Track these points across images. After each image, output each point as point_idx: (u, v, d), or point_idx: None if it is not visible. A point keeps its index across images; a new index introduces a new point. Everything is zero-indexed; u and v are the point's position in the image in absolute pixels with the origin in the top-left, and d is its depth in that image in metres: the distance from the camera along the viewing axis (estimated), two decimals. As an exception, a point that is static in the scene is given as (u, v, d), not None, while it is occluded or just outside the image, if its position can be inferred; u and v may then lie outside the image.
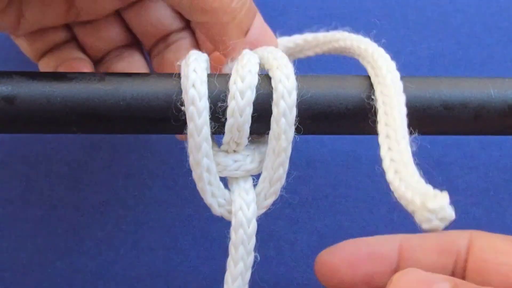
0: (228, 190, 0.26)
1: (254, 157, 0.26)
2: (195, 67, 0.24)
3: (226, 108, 0.24)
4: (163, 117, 0.24)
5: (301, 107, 0.24)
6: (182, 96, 0.24)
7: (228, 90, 0.24)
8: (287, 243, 0.40)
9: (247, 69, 0.24)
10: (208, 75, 0.24)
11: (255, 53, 0.26)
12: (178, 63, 0.25)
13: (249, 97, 0.24)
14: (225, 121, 0.24)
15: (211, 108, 0.24)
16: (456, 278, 0.23)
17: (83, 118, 0.24)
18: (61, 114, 0.24)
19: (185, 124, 0.24)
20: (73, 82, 0.25)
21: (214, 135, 0.25)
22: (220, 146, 0.26)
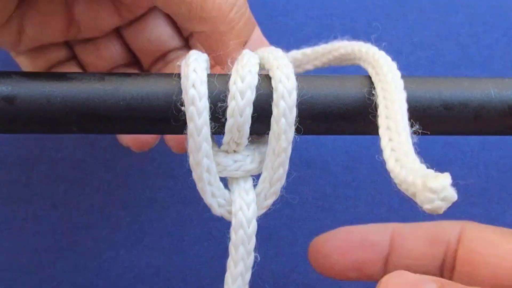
0: (228, 190, 0.26)
1: (254, 157, 0.26)
2: (195, 67, 0.24)
3: (226, 108, 0.24)
4: (163, 117, 0.24)
5: (301, 107, 0.24)
6: (182, 96, 0.24)
7: (228, 90, 0.24)
8: (287, 244, 0.40)
9: (247, 69, 0.24)
10: (208, 75, 0.24)
11: (255, 53, 0.26)
12: (178, 63, 0.25)
13: (249, 97, 0.24)
14: (225, 121, 0.24)
15: (211, 108, 0.24)
16: (442, 278, 0.23)
17: (83, 118, 0.24)
18: (61, 114, 0.24)
19: (185, 124, 0.24)
20: (73, 82, 0.25)
21: (214, 135, 0.25)
22: (220, 146, 0.26)
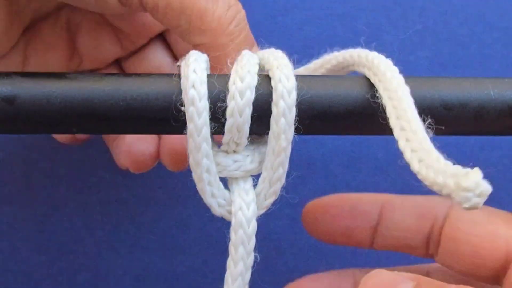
0: (228, 190, 0.26)
1: (254, 157, 0.26)
2: (195, 68, 0.24)
3: (225, 108, 0.24)
4: (163, 118, 0.24)
5: (301, 107, 0.24)
6: (182, 96, 0.24)
7: (227, 90, 0.24)
8: (287, 243, 0.40)
9: (246, 69, 0.24)
10: (207, 75, 0.24)
11: (255, 54, 0.26)
12: (178, 63, 0.25)
13: (249, 97, 0.24)
14: (225, 122, 0.24)
15: (210, 108, 0.24)
16: (420, 276, 0.23)
17: (83, 118, 0.24)
18: (61, 114, 0.24)
19: (185, 124, 0.24)
20: (73, 82, 0.25)
21: (214, 135, 0.25)
22: (219, 146, 0.26)
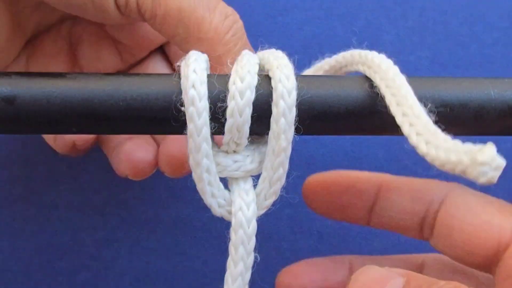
0: (228, 190, 0.26)
1: (254, 157, 0.26)
2: (195, 68, 0.24)
3: (225, 108, 0.24)
4: (163, 118, 0.24)
5: (301, 107, 0.24)
6: (182, 96, 0.24)
7: (227, 90, 0.24)
8: (287, 243, 0.40)
9: (246, 69, 0.24)
10: (207, 75, 0.24)
11: (255, 54, 0.26)
12: (177, 63, 0.25)
13: (249, 97, 0.24)
14: (225, 122, 0.24)
15: (210, 108, 0.24)
16: (410, 271, 0.23)
17: (83, 118, 0.24)
18: (61, 114, 0.24)
19: (185, 124, 0.24)
20: (73, 82, 0.25)
21: (214, 135, 0.25)
22: (220, 146, 0.26)
